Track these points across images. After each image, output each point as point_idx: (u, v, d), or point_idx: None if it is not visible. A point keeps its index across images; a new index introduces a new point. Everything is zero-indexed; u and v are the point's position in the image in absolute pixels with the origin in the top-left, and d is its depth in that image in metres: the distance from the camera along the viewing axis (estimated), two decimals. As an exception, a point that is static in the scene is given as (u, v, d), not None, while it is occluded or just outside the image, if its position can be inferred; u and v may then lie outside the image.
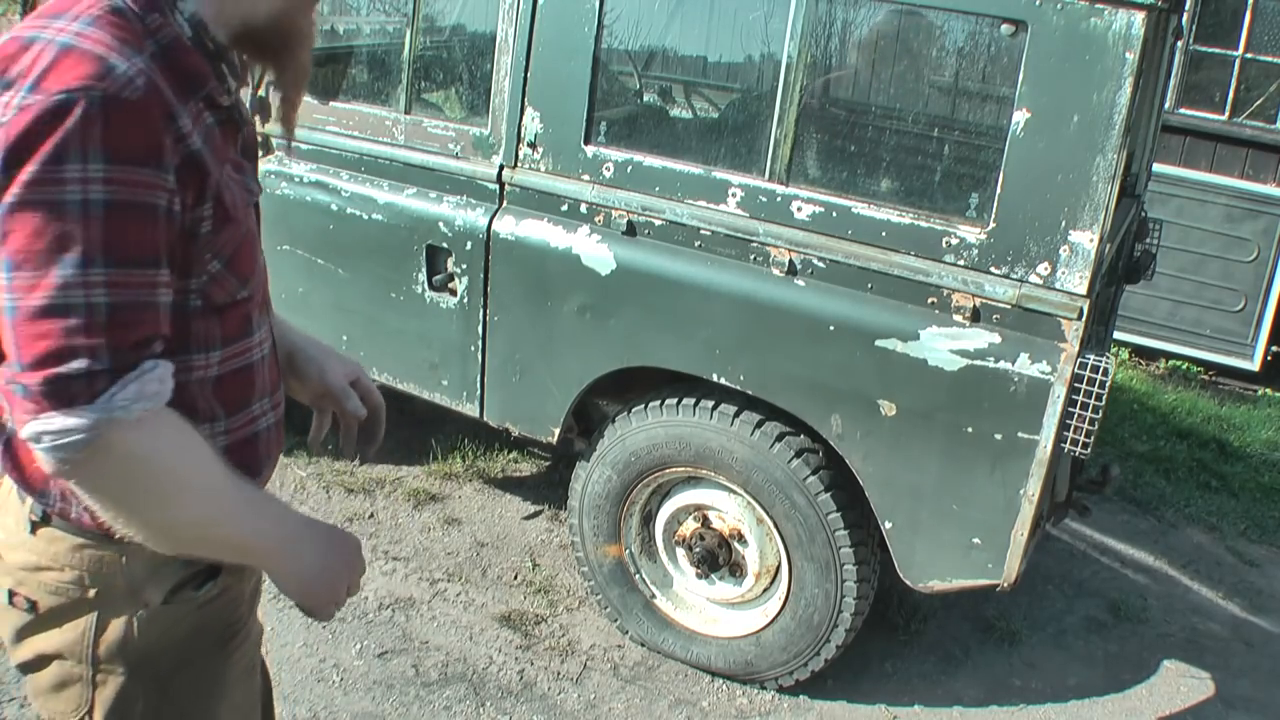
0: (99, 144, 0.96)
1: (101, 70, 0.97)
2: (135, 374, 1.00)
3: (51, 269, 0.96)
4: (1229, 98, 5.70)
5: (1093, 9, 2.07)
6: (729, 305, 2.50)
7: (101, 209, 0.97)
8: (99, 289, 0.98)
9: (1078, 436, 2.23)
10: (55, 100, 0.95)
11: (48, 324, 0.97)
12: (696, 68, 3.13)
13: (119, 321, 0.99)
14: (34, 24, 1.02)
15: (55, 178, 0.95)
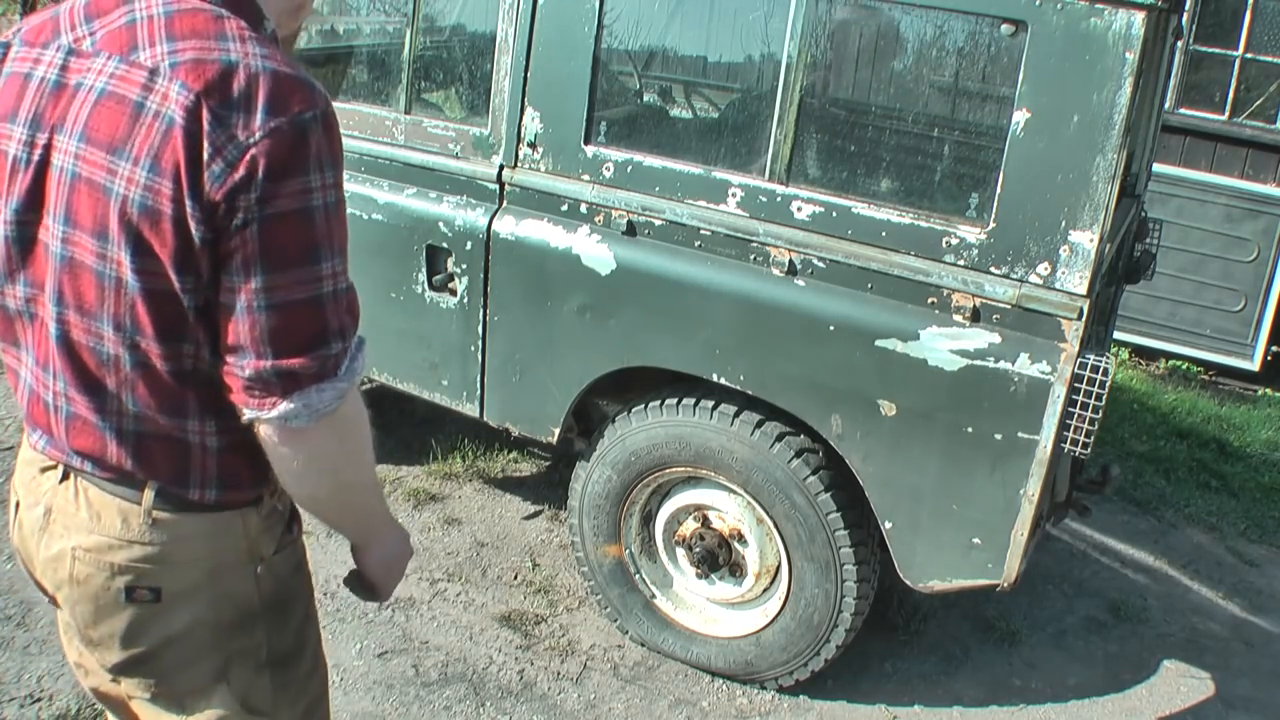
0: (331, 154, 1.13)
1: (315, 90, 1.12)
2: (358, 345, 1.19)
3: (318, 263, 1.12)
4: (1229, 98, 5.70)
5: (1093, 9, 2.07)
6: (729, 305, 2.50)
7: (336, 209, 1.14)
8: (342, 279, 1.15)
9: (1078, 436, 2.23)
10: (300, 120, 1.09)
11: (316, 311, 1.13)
12: (696, 68, 3.13)
13: (351, 303, 1.18)
14: (200, 45, 1.10)
15: (313, 186, 1.10)
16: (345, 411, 1.19)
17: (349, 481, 1.26)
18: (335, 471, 1.23)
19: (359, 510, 1.34)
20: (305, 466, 1.20)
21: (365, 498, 1.32)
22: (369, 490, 1.32)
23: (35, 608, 2.82)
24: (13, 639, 2.70)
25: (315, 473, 1.21)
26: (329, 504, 1.29)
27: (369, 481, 1.31)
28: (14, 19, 7.46)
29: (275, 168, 1.07)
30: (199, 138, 1.07)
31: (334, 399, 1.15)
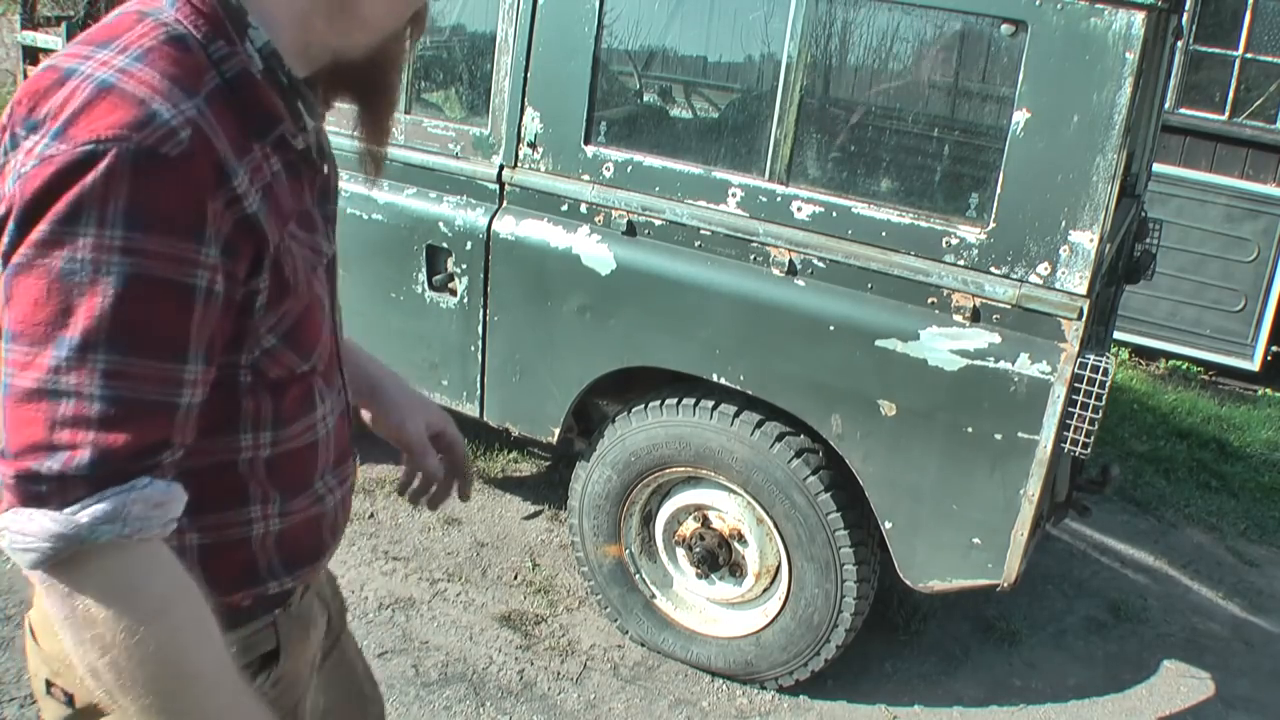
0: (124, 206, 0.81)
1: (141, 118, 0.83)
2: (120, 489, 0.83)
3: (48, 347, 0.82)
4: (1229, 98, 5.70)
5: (1093, 9, 2.07)
6: (729, 305, 2.50)
7: (117, 284, 0.81)
8: (97, 379, 0.82)
9: (1078, 436, 2.23)
10: (80, 151, 0.81)
11: (32, 409, 0.82)
12: (696, 68, 3.13)
13: (117, 421, 0.83)
14: (77, 51, 0.88)
15: (66, 240, 0.81)
16: (91, 582, 0.84)
17: (121, 695, 0.87)
18: (89, 664, 0.86)
19: None
20: (56, 621, 0.87)
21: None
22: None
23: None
24: (13, 639, 2.70)
25: (64, 640, 0.87)
26: (108, 704, 0.91)
27: (178, 714, 0.88)
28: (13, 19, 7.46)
29: (30, 206, 0.82)
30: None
31: (38, 542, 0.82)
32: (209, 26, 0.91)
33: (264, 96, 0.94)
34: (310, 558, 1.14)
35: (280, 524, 1.08)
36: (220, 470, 1.01)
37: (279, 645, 1.14)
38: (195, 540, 1.01)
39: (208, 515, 1.01)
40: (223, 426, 0.99)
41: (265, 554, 1.08)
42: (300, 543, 1.12)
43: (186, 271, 0.85)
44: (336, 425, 1.15)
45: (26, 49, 7.02)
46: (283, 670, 1.15)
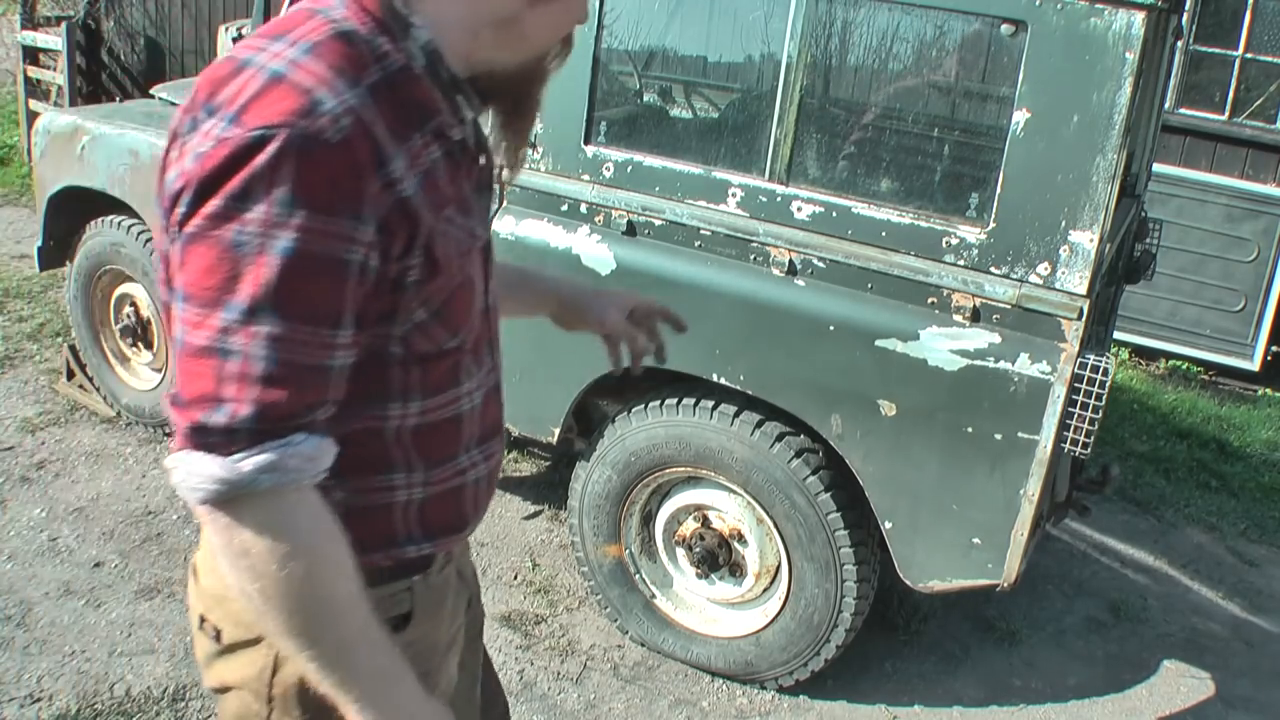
0: (290, 187, 0.90)
1: (306, 106, 0.91)
2: (277, 443, 0.93)
3: (218, 309, 0.91)
4: (1229, 98, 5.70)
5: (1093, 9, 2.07)
6: (729, 305, 2.50)
7: (280, 256, 0.90)
8: (261, 341, 0.91)
9: (1078, 436, 2.23)
10: (252, 135, 0.89)
11: (203, 364, 0.92)
12: (696, 68, 3.13)
13: (277, 381, 0.92)
14: (254, 44, 0.97)
15: (236, 216, 0.90)
16: (253, 521, 0.94)
17: (267, 617, 0.97)
18: (242, 588, 0.97)
19: (312, 670, 1.01)
20: (215, 551, 0.98)
21: (318, 658, 0.99)
22: (329, 655, 0.99)
23: (35, 608, 2.83)
24: (13, 639, 2.70)
25: (222, 566, 0.98)
26: (257, 623, 1.01)
27: (323, 639, 0.98)
28: (13, 19, 7.46)
29: (206, 183, 0.91)
30: (173, 141, 0.97)
31: (206, 483, 0.92)
32: (374, 24, 1.00)
33: (422, 90, 1.02)
34: (450, 528, 1.20)
35: (423, 493, 1.14)
36: (368, 436, 1.08)
37: (412, 610, 1.20)
38: (341, 499, 1.07)
39: (354, 478, 1.08)
40: (373, 395, 1.06)
41: (406, 520, 1.15)
42: (441, 512, 1.18)
43: (343, 247, 0.93)
44: (484, 401, 1.21)
45: (26, 49, 7.03)
46: (414, 634, 1.20)
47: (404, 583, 1.19)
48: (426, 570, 1.21)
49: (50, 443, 3.67)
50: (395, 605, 1.18)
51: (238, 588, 0.97)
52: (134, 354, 3.83)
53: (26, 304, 4.78)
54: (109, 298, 3.81)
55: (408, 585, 1.19)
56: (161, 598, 2.93)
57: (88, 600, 2.89)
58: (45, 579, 2.96)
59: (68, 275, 3.86)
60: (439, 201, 1.02)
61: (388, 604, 1.16)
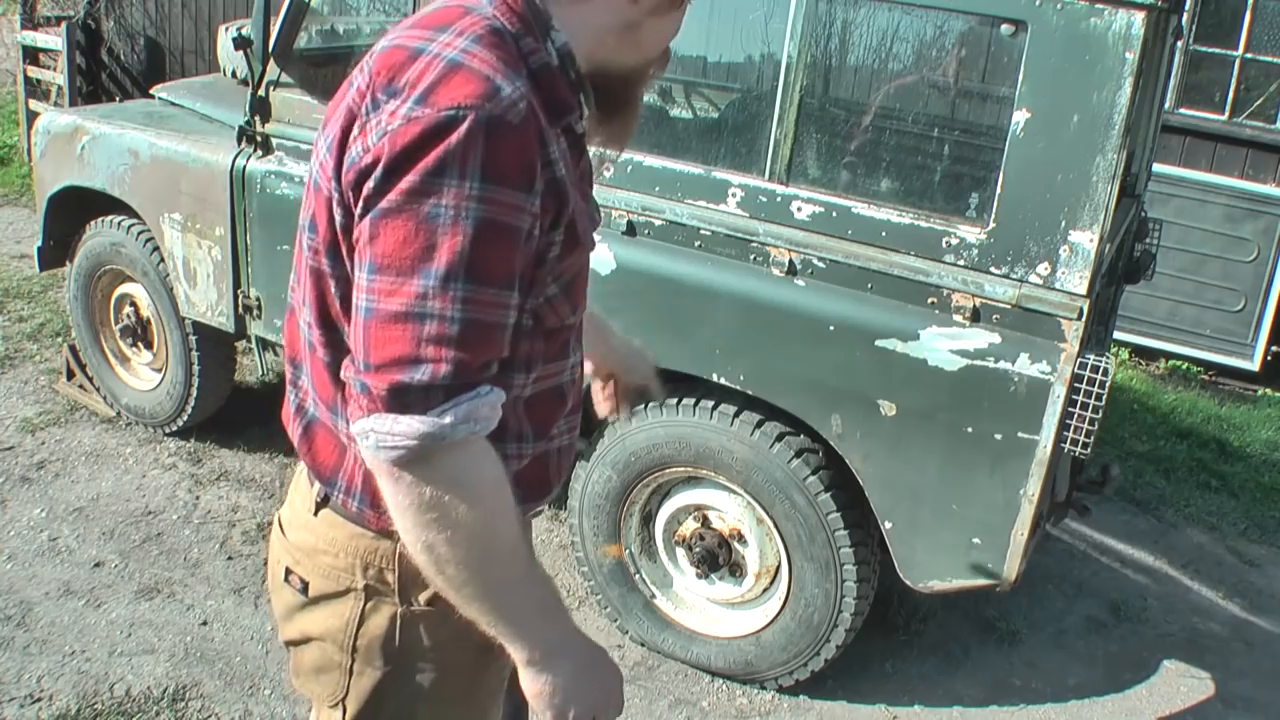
0: (479, 163, 0.97)
1: (490, 90, 0.98)
2: (470, 395, 1.00)
3: (414, 277, 0.97)
4: (1229, 98, 5.69)
5: (1093, 9, 2.07)
6: (729, 305, 2.50)
7: (472, 226, 0.98)
8: (457, 304, 0.98)
9: (1078, 436, 2.23)
10: (444, 115, 0.96)
11: (401, 329, 0.98)
12: (696, 68, 3.13)
13: (469, 340, 1.00)
14: (418, 34, 1.04)
15: (433, 189, 0.97)
16: (447, 472, 1.01)
17: (460, 562, 1.04)
18: (432, 538, 1.03)
19: (482, 607, 1.08)
20: (393, 508, 1.04)
21: (489, 595, 1.07)
22: (499, 590, 1.07)
23: (35, 607, 2.83)
24: (13, 639, 2.70)
25: (404, 523, 1.04)
26: (438, 579, 1.07)
27: (496, 577, 1.06)
28: (13, 19, 7.46)
29: (399, 158, 0.98)
30: (354, 119, 1.04)
31: (403, 439, 0.98)
32: (521, 24, 1.08)
33: (562, 87, 1.10)
34: (537, 494, 1.27)
35: (525, 462, 1.22)
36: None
37: None
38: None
39: None
40: (505, 364, 1.11)
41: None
42: (531, 479, 1.24)
43: (520, 218, 1.02)
44: (577, 375, 1.30)
45: (26, 49, 7.02)
46: None
47: None
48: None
49: (50, 443, 3.67)
50: None
51: (422, 543, 1.02)
52: (134, 354, 3.83)
53: (26, 304, 4.78)
54: (109, 298, 3.81)
55: None
56: (161, 598, 2.93)
57: (88, 600, 2.89)
58: (45, 579, 2.96)
59: (68, 275, 3.86)
60: (576, 185, 1.12)
61: None
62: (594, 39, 1.13)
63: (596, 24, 1.13)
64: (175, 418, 3.69)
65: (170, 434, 3.75)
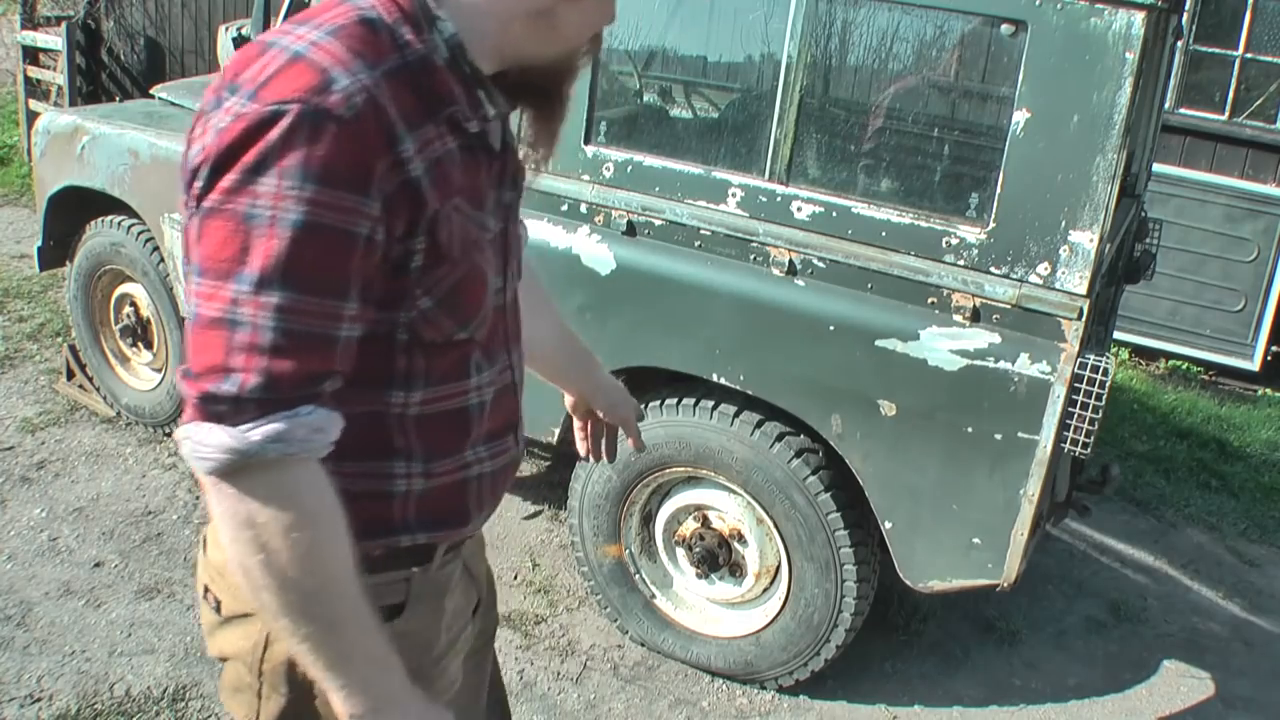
0: (301, 161, 0.92)
1: (321, 83, 0.93)
2: (285, 414, 0.94)
3: (230, 281, 0.92)
4: (1229, 98, 5.70)
5: (1093, 9, 2.07)
6: (729, 305, 2.50)
7: (290, 228, 0.92)
8: (269, 312, 0.93)
9: (1078, 436, 2.23)
10: (267, 110, 0.92)
11: (213, 335, 0.93)
12: (696, 68, 3.13)
13: (283, 350, 0.93)
14: (283, 29, 0.99)
15: (250, 189, 0.92)
16: (256, 492, 0.95)
17: (264, 592, 0.97)
18: (241, 561, 0.97)
19: (300, 646, 1.00)
20: (215, 520, 0.99)
21: (306, 632, 0.99)
22: (319, 630, 0.99)
23: (35, 607, 2.83)
24: (13, 639, 2.70)
25: (224, 538, 0.98)
26: (252, 600, 1.00)
27: (315, 614, 0.98)
28: (13, 19, 7.46)
29: (223, 156, 0.93)
30: (198, 119, 0.99)
31: (216, 453, 0.93)
32: (399, 14, 1.02)
33: (440, 81, 1.03)
34: (450, 522, 1.20)
35: (423, 484, 1.15)
36: (370, 420, 1.09)
37: (405, 601, 1.19)
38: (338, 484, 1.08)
39: (353, 461, 1.08)
40: (376, 379, 1.07)
41: (404, 509, 1.15)
42: (441, 506, 1.18)
43: (351, 220, 0.95)
44: (496, 399, 1.21)
45: (26, 49, 7.03)
46: (406, 626, 1.19)
47: (401, 573, 1.18)
48: (427, 563, 1.20)
49: (50, 443, 3.67)
50: (388, 595, 1.17)
51: (238, 561, 0.97)
52: (134, 354, 3.83)
53: (26, 304, 4.78)
54: (109, 298, 3.81)
55: (405, 576, 1.19)
56: (161, 598, 2.93)
57: (88, 600, 2.89)
58: (45, 579, 2.96)
59: (68, 275, 3.86)
60: (447, 189, 1.04)
61: (381, 592, 1.15)
62: (499, 28, 1.06)
63: (498, 11, 1.06)
64: (175, 417, 3.69)
65: (170, 434, 3.76)
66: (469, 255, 1.08)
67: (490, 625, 1.48)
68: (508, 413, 1.25)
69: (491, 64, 1.09)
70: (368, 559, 1.11)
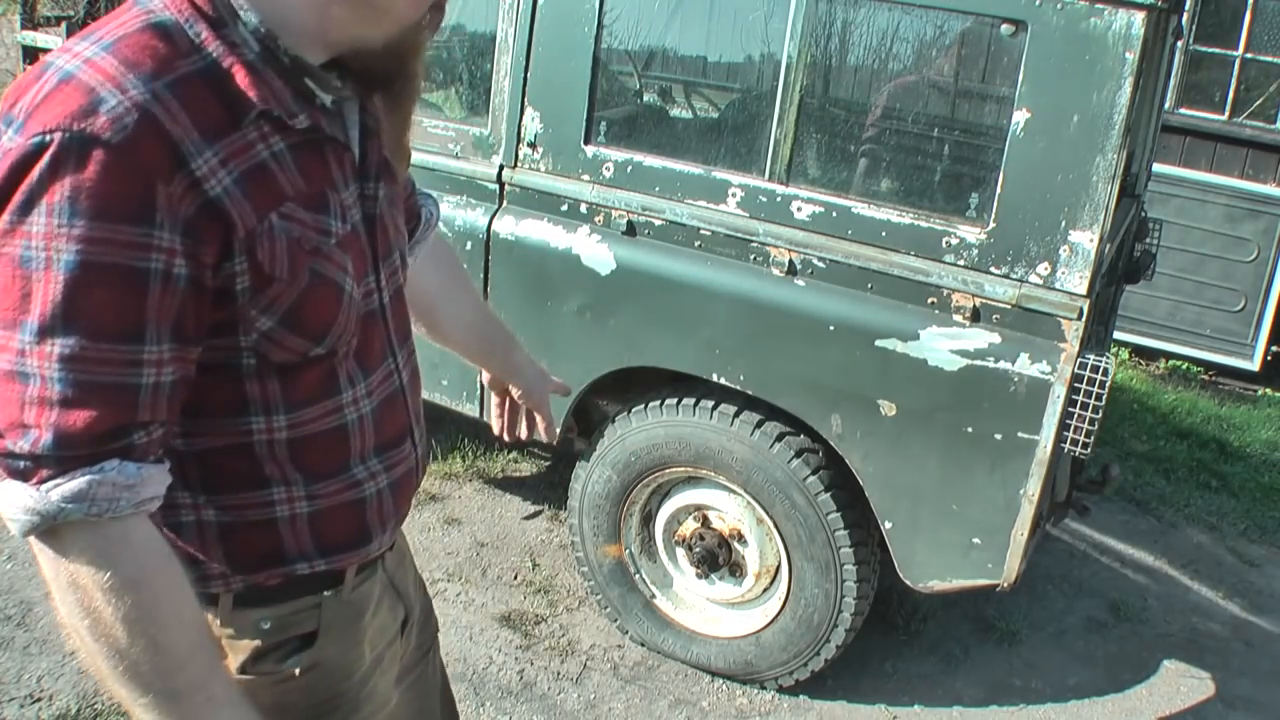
0: (68, 195, 0.83)
1: (86, 106, 0.84)
2: (86, 470, 0.87)
3: (15, 331, 0.85)
4: (1229, 98, 5.69)
5: (1093, 9, 2.07)
6: (729, 305, 2.50)
7: (65, 270, 0.84)
8: (54, 363, 0.85)
9: (1078, 436, 2.23)
10: (31, 144, 0.83)
11: (7, 390, 0.86)
12: (696, 68, 3.12)
13: (75, 403, 0.86)
14: (65, 46, 0.90)
15: (21, 230, 0.84)
16: (71, 553, 0.89)
17: (98, 658, 0.92)
18: (71, 624, 0.92)
19: (145, 713, 0.94)
20: (49, 581, 0.93)
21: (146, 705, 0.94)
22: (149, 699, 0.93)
23: (35, 607, 2.83)
24: (13, 639, 2.70)
25: (57, 600, 0.93)
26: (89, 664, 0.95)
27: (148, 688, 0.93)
28: (13, 19, 7.46)
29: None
30: None
31: (21, 514, 0.87)
32: (192, 12, 0.92)
33: (244, 80, 0.93)
34: (349, 544, 1.13)
35: (309, 507, 1.08)
36: (234, 452, 1.02)
37: (319, 628, 1.14)
38: (214, 517, 1.04)
39: (225, 495, 1.04)
40: (230, 409, 1.01)
41: (295, 536, 1.08)
42: (337, 527, 1.11)
43: (135, 255, 0.86)
44: (382, 408, 1.13)
45: (26, 49, 7.02)
46: (320, 655, 1.14)
47: (311, 599, 1.13)
48: (338, 586, 1.15)
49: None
50: (299, 624, 1.12)
51: (69, 624, 0.92)
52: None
53: (26, 304, 4.77)
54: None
55: (316, 602, 1.13)
56: (161, 598, 2.93)
57: (88, 600, 2.89)
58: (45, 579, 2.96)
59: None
60: (269, 198, 0.95)
61: (290, 623, 1.11)
62: (315, 14, 0.97)
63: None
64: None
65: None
66: (305, 267, 0.98)
67: (428, 638, 1.43)
68: (399, 419, 1.17)
69: (318, 52, 1.00)
70: (263, 590, 1.08)
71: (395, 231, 1.16)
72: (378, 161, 1.10)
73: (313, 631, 1.13)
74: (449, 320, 1.53)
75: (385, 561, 1.24)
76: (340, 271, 1.03)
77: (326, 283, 1.01)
